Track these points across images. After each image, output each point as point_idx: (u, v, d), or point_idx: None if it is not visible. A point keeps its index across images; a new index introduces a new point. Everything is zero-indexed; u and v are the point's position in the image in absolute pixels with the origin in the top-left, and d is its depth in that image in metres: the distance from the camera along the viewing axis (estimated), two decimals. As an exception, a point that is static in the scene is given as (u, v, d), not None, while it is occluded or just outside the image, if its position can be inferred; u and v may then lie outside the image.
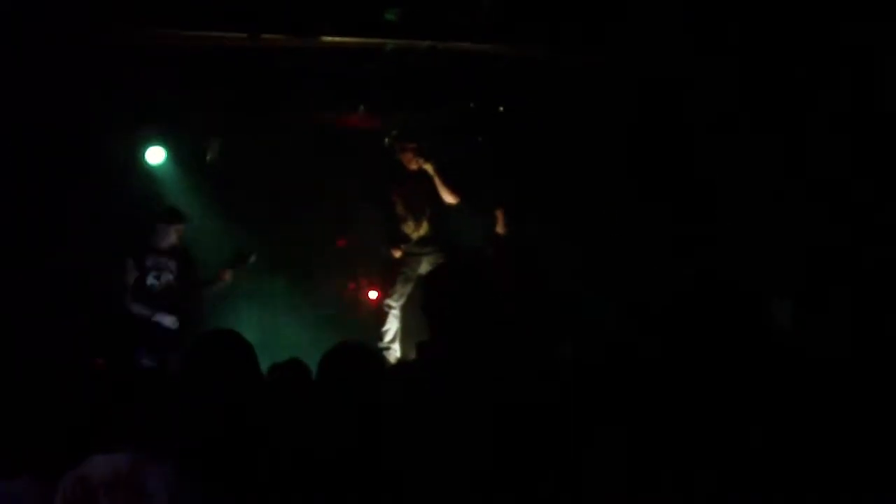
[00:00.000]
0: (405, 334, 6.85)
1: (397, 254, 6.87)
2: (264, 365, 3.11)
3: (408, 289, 6.83)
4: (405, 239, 6.85)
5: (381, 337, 6.80)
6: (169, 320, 6.04)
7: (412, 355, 6.77)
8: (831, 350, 3.65)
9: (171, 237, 6.21)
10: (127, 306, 6.08)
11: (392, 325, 6.81)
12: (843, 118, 5.47)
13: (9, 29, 5.25)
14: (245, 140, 7.44)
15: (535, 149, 7.70)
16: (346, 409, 2.64)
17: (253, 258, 6.49)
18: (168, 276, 6.16)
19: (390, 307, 6.82)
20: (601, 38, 5.89)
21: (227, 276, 6.36)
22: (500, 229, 7.01)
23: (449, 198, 6.83)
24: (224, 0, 5.40)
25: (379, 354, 3.00)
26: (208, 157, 7.32)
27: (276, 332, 7.14)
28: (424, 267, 6.81)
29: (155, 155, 7.01)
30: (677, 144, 6.82)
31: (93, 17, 5.37)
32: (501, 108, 7.55)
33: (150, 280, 6.10)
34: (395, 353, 6.80)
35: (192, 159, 7.36)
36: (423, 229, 6.86)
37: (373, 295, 7.87)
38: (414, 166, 6.84)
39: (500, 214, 7.01)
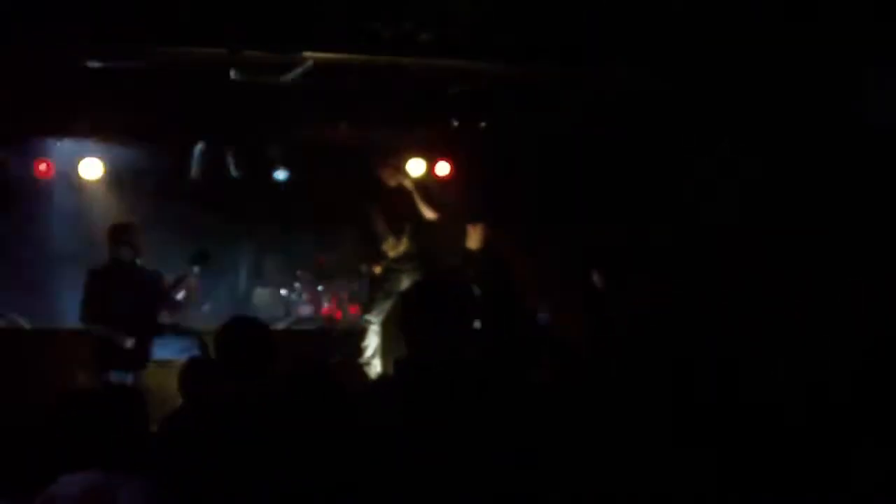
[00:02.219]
0: (385, 350, 6.85)
1: (377, 270, 6.86)
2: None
3: (388, 305, 6.83)
4: (385, 255, 6.85)
5: (361, 352, 6.80)
6: (128, 342, 5.82)
7: (391, 371, 6.80)
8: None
9: (130, 254, 6.02)
10: (84, 324, 5.97)
11: (372, 341, 6.80)
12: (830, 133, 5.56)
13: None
14: (226, 155, 7.44)
15: (519, 165, 7.77)
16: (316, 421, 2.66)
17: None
18: (130, 294, 5.99)
19: (370, 323, 6.81)
20: (580, 56, 5.94)
21: (192, 280, 6.22)
22: (472, 245, 7.03)
23: (429, 213, 6.84)
24: (206, 17, 5.41)
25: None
26: (192, 171, 7.31)
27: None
28: (405, 283, 6.80)
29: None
30: (662, 163, 6.92)
31: (76, 35, 5.37)
32: (483, 125, 7.61)
33: (113, 299, 5.93)
34: (375, 368, 6.79)
35: (172, 173, 7.36)
36: (404, 245, 6.86)
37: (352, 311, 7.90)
38: (393, 183, 6.86)
39: (473, 230, 7.03)
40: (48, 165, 6.82)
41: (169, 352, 5.92)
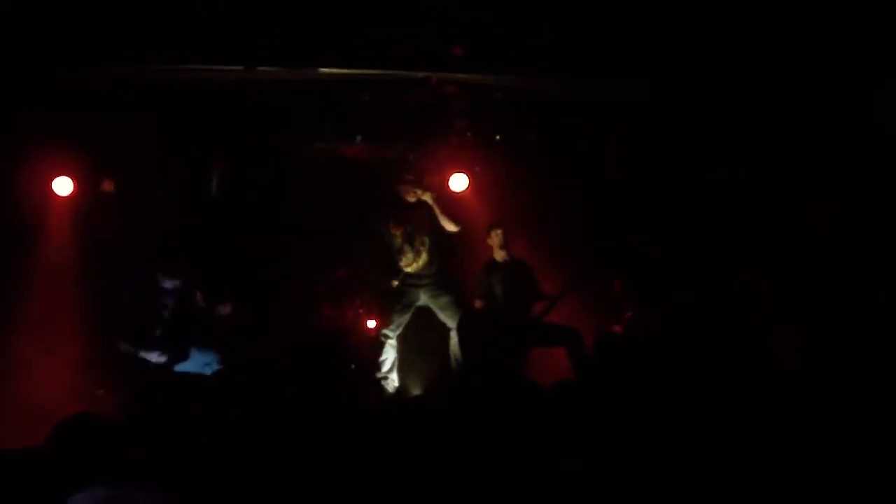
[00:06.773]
0: (402, 364, 6.84)
1: (394, 284, 6.86)
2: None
3: (405, 319, 6.83)
4: (402, 270, 6.84)
5: (378, 367, 6.79)
6: (154, 356, 5.89)
7: (410, 385, 6.82)
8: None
9: (168, 275, 6.09)
10: (117, 339, 5.98)
11: (389, 355, 6.79)
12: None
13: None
14: (244, 171, 7.47)
15: (534, 176, 7.77)
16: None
17: None
18: (164, 314, 6.03)
19: (387, 337, 6.80)
20: (593, 69, 5.96)
21: (228, 308, 6.31)
22: (496, 254, 7.00)
23: (450, 226, 6.85)
24: (222, 34, 5.46)
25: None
26: (211, 189, 7.35)
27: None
28: (423, 297, 6.82)
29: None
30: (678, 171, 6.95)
31: (94, 53, 5.44)
32: (498, 137, 7.61)
33: (145, 318, 5.97)
34: (392, 382, 6.78)
35: (192, 190, 7.40)
36: (422, 260, 6.86)
37: (371, 324, 7.87)
38: (412, 198, 6.87)
39: (494, 235, 6.99)
40: (69, 183, 6.86)
41: (191, 366, 5.98)
